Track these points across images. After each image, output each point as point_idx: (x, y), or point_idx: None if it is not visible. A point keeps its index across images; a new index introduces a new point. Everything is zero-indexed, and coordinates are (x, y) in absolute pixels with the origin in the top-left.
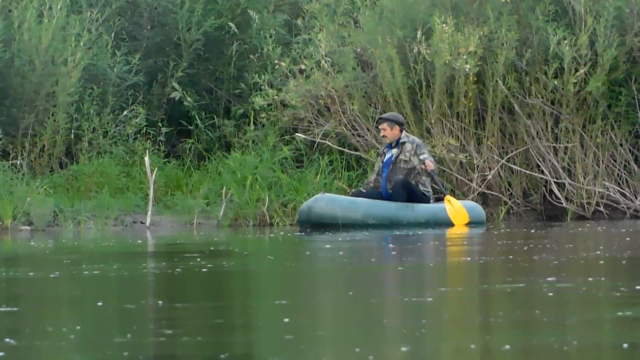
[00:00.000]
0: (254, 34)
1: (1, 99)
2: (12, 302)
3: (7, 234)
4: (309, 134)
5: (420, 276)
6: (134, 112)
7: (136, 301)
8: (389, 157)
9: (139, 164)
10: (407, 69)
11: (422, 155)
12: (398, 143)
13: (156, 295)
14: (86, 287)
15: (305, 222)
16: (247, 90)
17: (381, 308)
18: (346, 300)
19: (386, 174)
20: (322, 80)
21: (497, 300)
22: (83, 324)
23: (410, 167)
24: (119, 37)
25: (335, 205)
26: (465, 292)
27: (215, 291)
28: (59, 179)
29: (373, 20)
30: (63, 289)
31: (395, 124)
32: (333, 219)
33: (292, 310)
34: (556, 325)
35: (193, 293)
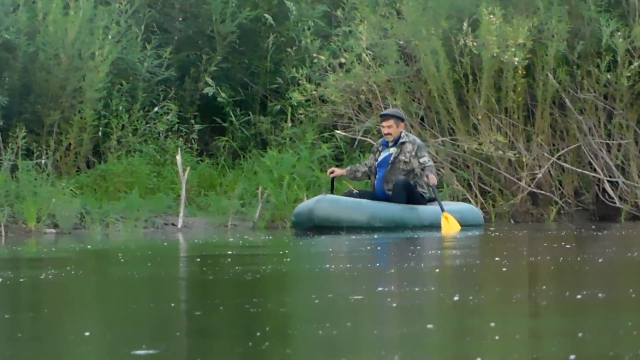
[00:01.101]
0: (292, 26)
1: (25, 94)
2: (35, 307)
3: (30, 237)
4: (349, 130)
5: (472, 276)
6: (165, 108)
7: (164, 308)
8: (386, 156)
9: (171, 163)
10: (452, 62)
11: (422, 158)
12: (397, 142)
13: (188, 302)
14: (114, 292)
15: (304, 224)
16: (284, 85)
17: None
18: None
19: (383, 173)
20: (363, 75)
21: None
22: (106, 331)
23: (410, 169)
24: (149, 29)
25: (339, 207)
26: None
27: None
28: (86, 179)
29: (417, 11)
30: (89, 293)
31: (400, 121)
32: (337, 222)
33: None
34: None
35: (227, 299)
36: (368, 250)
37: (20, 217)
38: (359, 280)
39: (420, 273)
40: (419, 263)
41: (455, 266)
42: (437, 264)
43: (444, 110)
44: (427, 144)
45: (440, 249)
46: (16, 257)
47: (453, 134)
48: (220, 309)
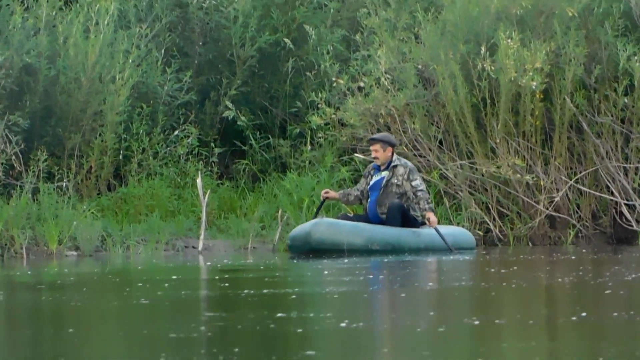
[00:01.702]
0: (311, 50)
1: (46, 118)
2: (57, 327)
3: (52, 260)
4: (368, 154)
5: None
6: (186, 131)
7: (184, 329)
8: (378, 179)
9: (191, 186)
10: (470, 86)
11: (414, 181)
12: (389, 166)
13: (208, 324)
14: (134, 314)
15: (300, 247)
16: (303, 109)
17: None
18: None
19: (375, 197)
20: (382, 98)
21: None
22: (126, 352)
23: (402, 192)
24: (170, 53)
25: (337, 230)
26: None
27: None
28: (107, 201)
29: (435, 35)
30: (110, 315)
31: (388, 145)
32: (335, 245)
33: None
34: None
35: (245, 321)
36: (390, 274)
37: (41, 240)
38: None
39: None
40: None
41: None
42: (455, 285)
43: (462, 134)
44: (446, 167)
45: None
46: (38, 279)
47: (471, 157)
48: (238, 328)
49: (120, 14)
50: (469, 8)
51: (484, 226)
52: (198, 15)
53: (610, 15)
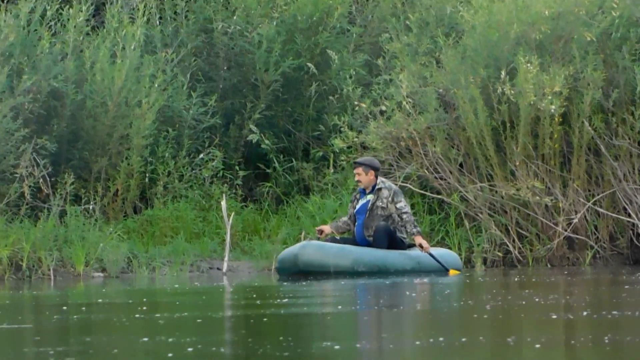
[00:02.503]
0: (334, 74)
1: (73, 141)
2: (85, 346)
3: (79, 281)
4: (389, 177)
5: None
6: (211, 155)
7: (208, 350)
8: (364, 203)
9: (216, 209)
10: (490, 110)
11: (398, 203)
12: (374, 189)
13: (232, 345)
14: (161, 335)
15: (288, 270)
16: (326, 132)
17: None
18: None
19: (362, 220)
20: (404, 122)
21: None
22: None
23: (387, 214)
24: (195, 78)
25: (324, 252)
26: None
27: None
28: (133, 224)
29: (456, 60)
30: (137, 335)
31: (370, 169)
32: (322, 267)
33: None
34: None
35: (267, 342)
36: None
37: (68, 262)
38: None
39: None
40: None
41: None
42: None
43: (482, 157)
44: (466, 189)
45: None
46: (65, 300)
47: (491, 180)
48: (260, 351)
49: (146, 39)
50: (488, 33)
51: (504, 247)
52: (223, 40)
53: (628, 39)
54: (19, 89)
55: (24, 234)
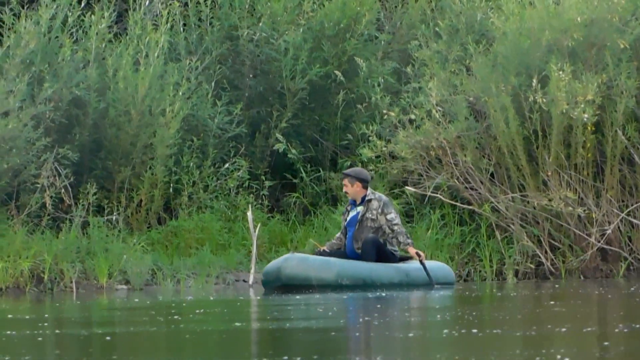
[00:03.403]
0: (362, 82)
1: (96, 151)
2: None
3: (102, 294)
4: (419, 187)
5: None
6: (236, 164)
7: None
8: (354, 215)
9: (242, 219)
10: (522, 119)
11: (389, 214)
12: (363, 200)
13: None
14: (186, 348)
15: (272, 283)
16: (354, 142)
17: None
18: None
19: (352, 233)
20: (433, 131)
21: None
22: None
23: (377, 226)
24: (220, 86)
25: (307, 266)
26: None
27: None
28: (157, 235)
29: (486, 68)
30: (161, 349)
31: (356, 180)
32: (305, 280)
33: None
34: None
35: (294, 355)
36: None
37: (91, 274)
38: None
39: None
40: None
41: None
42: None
43: (514, 167)
44: (497, 199)
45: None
46: (89, 313)
47: (523, 190)
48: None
49: (170, 46)
50: (520, 40)
51: (536, 259)
52: (248, 47)
53: None
54: (40, 97)
55: (46, 246)
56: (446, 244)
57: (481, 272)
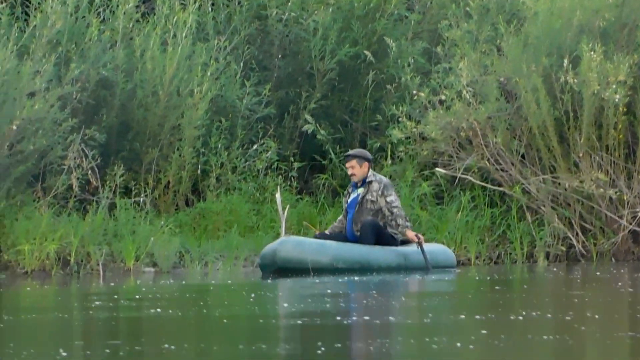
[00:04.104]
0: (391, 62)
1: (123, 132)
2: (136, 343)
3: (129, 276)
4: (449, 168)
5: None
6: (265, 146)
7: (258, 349)
8: (355, 197)
9: (270, 201)
10: (553, 100)
11: (389, 197)
12: (364, 182)
13: (286, 343)
14: (213, 331)
15: (268, 266)
16: (383, 123)
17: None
18: None
19: (352, 215)
20: (464, 112)
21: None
22: None
23: (377, 208)
24: (249, 66)
25: (303, 249)
26: None
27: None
28: (184, 217)
29: (517, 48)
30: (188, 332)
31: (364, 160)
32: (300, 263)
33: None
34: None
35: (320, 341)
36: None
37: (118, 256)
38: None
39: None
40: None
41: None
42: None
43: (545, 148)
44: (528, 181)
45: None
46: (116, 296)
47: (554, 172)
48: (317, 352)
49: (198, 26)
50: (551, 21)
51: (567, 242)
52: (277, 27)
53: None
54: (67, 78)
55: (72, 228)
56: (476, 226)
57: (512, 255)
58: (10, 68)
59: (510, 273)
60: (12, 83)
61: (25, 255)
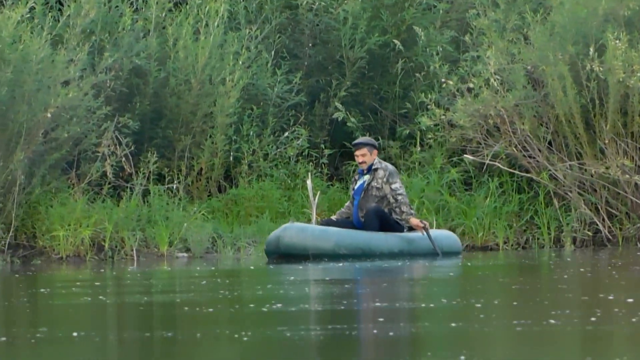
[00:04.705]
0: (420, 51)
1: (156, 120)
2: (171, 329)
3: (163, 261)
4: (477, 155)
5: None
6: (296, 133)
7: (294, 334)
8: (361, 184)
9: (301, 188)
10: (579, 87)
11: (394, 184)
12: (370, 169)
13: (319, 327)
14: (247, 317)
15: (273, 252)
16: (412, 110)
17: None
18: None
19: (357, 201)
20: (492, 99)
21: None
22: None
23: (382, 195)
24: (280, 55)
25: (305, 235)
26: None
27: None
28: (217, 203)
29: (544, 37)
30: (223, 317)
31: (374, 148)
32: (303, 249)
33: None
34: None
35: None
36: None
37: (152, 242)
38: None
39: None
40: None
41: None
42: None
43: (572, 135)
44: (555, 167)
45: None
46: (151, 281)
47: (580, 158)
48: (349, 334)
49: (230, 15)
50: (577, 9)
51: (593, 227)
52: (308, 16)
53: None
54: (101, 66)
55: (106, 214)
56: (504, 212)
57: (539, 240)
58: (45, 57)
59: (540, 257)
60: (47, 72)
61: (60, 241)
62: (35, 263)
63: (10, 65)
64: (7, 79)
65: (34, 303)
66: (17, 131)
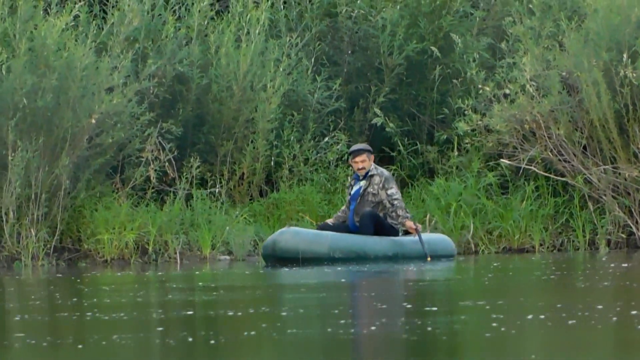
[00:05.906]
0: (457, 57)
1: (199, 125)
2: (213, 332)
3: (205, 264)
4: (514, 159)
5: None
6: (335, 138)
7: (335, 335)
8: (357, 189)
9: (341, 192)
10: (613, 93)
11: (390, 190)
12: (366, 175)
13: (357, 326)
14: (286, 319)
15: (269, 256)
16: (450, 116)
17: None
18: None
19: (354, 206)
20: (527, 105)
21: None
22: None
23: (378, 201)
24: (319, 62)
25: (300, 239)
26: None
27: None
28: (259, 207)
29: (578, 43)
30: (263, 320)
31: (372, 154)
32: (297, 253)
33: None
34: None
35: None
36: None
37: (195, 245)
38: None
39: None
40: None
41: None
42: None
43: (606, 139)
44: (590, 171)
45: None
46: (195, 283)
47: (614, 162)
48: (391, 331)
49: (271, 23)
50: (610, 17)
51: (627, 229)
52: (347, 24)
53: None
54: (144, 73)
55: (150, 218)
56: (540, 215)
57: (574, 242)
58: (89, 64)
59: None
60: (91, 78)
61: (105, 244)
62: (80, 266)
63: (55, 72)
64: (52, 86)
65: (79, 304)
66: (62, 137)
